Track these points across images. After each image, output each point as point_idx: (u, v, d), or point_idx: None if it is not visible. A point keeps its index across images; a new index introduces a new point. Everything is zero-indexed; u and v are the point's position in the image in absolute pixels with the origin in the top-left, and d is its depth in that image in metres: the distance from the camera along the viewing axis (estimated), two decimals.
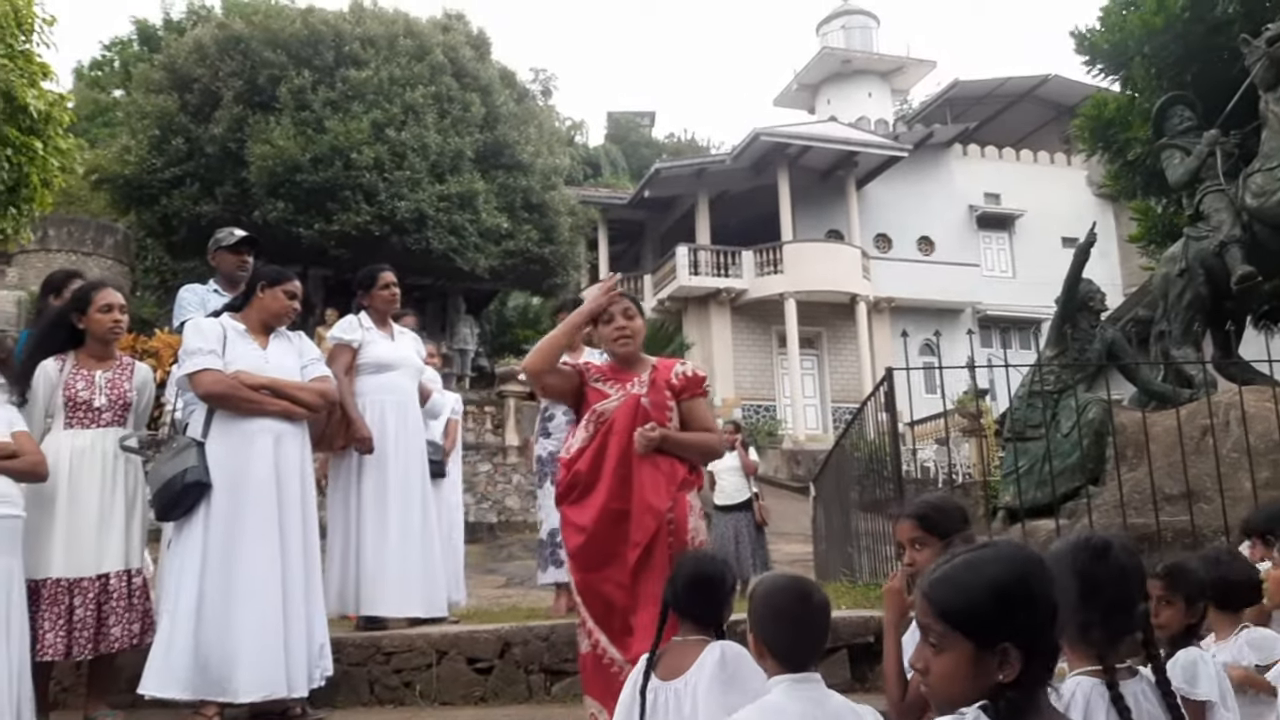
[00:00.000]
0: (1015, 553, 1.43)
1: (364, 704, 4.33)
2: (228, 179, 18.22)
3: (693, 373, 3.42)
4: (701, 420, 3.39)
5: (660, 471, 3.20)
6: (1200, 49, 8.23)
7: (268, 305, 4.04)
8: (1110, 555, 1.85)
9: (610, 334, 3.43)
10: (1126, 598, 1.83)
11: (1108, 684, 1.75)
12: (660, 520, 3.13)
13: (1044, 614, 1.37)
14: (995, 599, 1.36)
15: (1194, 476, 5.24)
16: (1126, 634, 1.85)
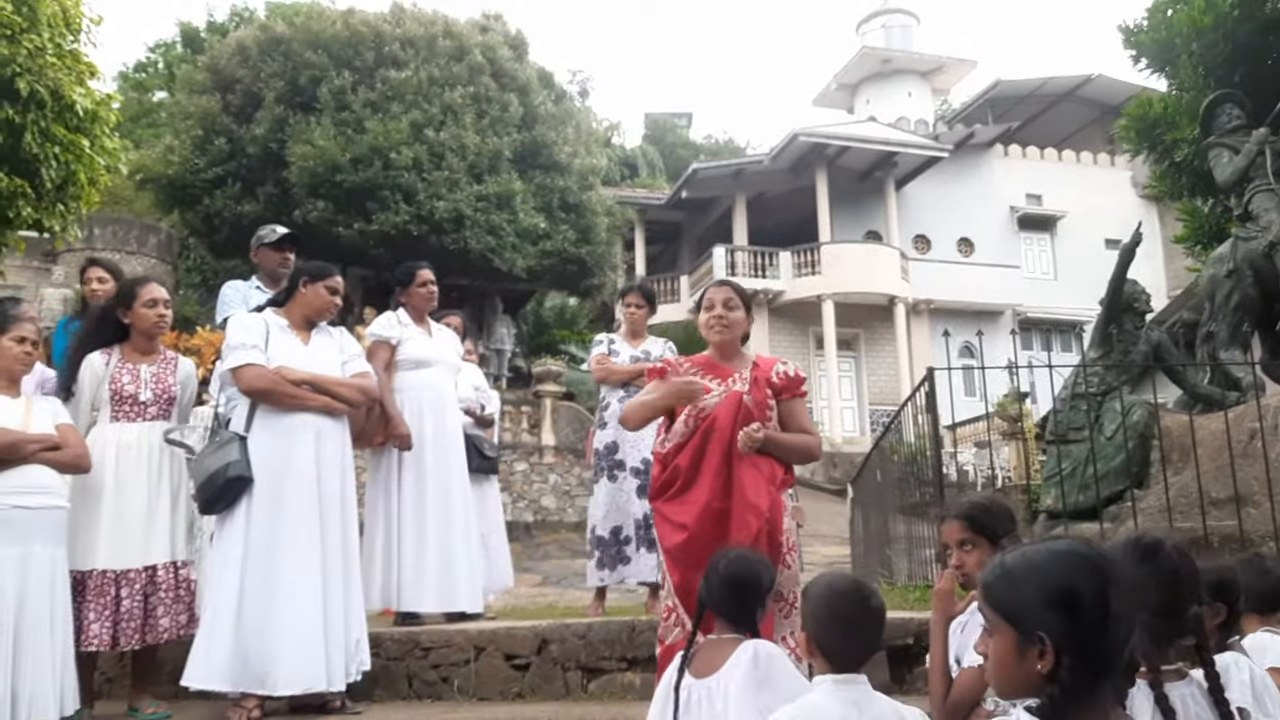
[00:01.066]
0: (1070, 548, 1.41)
1: (402, 698, 4.35)
2: (269, 179, 18.43)
3: (794, 373, 3.38)
4: (800, 421, 3.35)
5: (761, 472, 3.17)
6: (1249, 47, 8.08)
7: (310, 300, 4.08)
8: (1160, 555, 1.82)
9: (707, 321, 3.41)
10: (1176, 600, 1.79)
11: (1151, 684, 1.72)
12: (762, 520, 3.11)
13: (1090, 614, 1.34)
14: (1036, 588, 1.36)
15: (1242, 480, 5.13)
16: (1176, 637, 1.81)
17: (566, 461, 16.41)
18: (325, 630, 3.77)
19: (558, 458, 16.23)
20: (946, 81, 35.38)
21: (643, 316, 5.58)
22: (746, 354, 3.43)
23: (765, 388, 3.28)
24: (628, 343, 5.53)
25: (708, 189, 27.01)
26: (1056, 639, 1.31)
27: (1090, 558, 1.39)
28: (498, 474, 5.96)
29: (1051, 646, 1.31)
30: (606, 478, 5.30)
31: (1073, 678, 1.33)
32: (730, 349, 3.41)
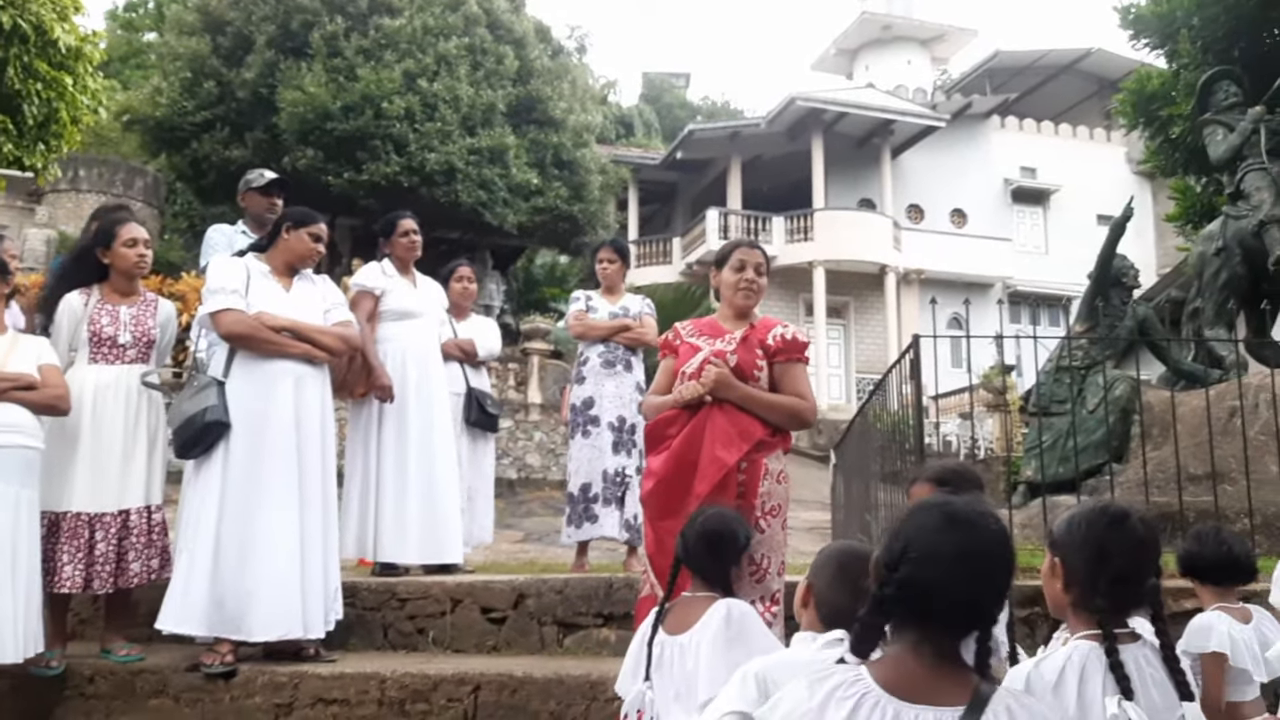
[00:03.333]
0: (934, 504, 1.46)
1: (377, 648, 4.37)
2: (258, 124, 18.20)
3: (793, 336, 3.30)
4: (793, 385, 3.26)
5: (734, 427, 3.13)
6: (1250, 23, 8.03)
7: (293, 247, 4.03)
8: (1126, 524, 1.83)
9: (736, 282, 3.33)
10: (1137, 569, 1.80)
11: (1106, 649, 1.73)
12: (724, 473, 3.06)
13: (916, 561, 1.38)
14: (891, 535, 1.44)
15: (1219, 458, 5.16)
16: (1133, 605, 1.83)
17: (552, 419, 16.40)
18: (302, 578, 3.77)
19: (544, 415, 16.22)
20: (946, 50, 35.11)
21: (616, 271, 5.55)
22: (751, 315, 3.37)
23: (756, 349, 3.23)
24: (605, 299, 5.50)
25: (703, 150, 26.83)
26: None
27: (940, 515, 1.44)
28: (497, 431, 5.95)
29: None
30: (581, 434, 5.29)
31: (887, 612, 1.40)
32: (748, 310, 3.37)
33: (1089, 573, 1.80)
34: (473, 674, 3.75)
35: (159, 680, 3.82)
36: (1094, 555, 1.80)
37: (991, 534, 1.43)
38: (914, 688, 1.37)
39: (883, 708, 1.36)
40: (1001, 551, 1.43)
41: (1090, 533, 1.82)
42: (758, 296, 3.36)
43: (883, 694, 1.37)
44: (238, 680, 3.76)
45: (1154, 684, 1.77)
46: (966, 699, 1.37)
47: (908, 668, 1.39)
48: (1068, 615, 1.87)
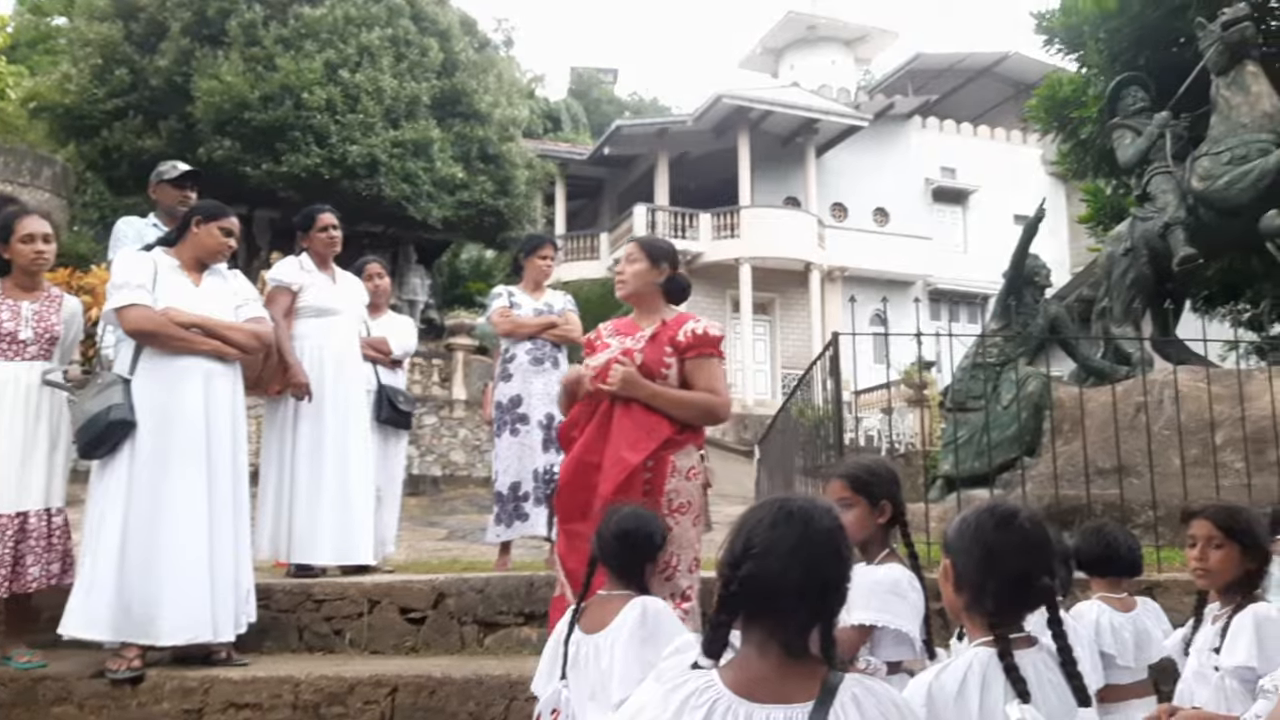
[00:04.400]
0: (771, 501, 1.52)
1: (292, 651, 4.29)
2: (172, 113, 17.69)
3: (704, 331, 3.24)
4: (704, 380, 3.21)
5: (639, 426, 3.11)
6: (1155, 32, 8.29)
7: (202, 241, 3.92)
8: (1014, 524, 1.80)
9: (615, 279, 3.40)
10: (1026, 569, 1.77)
11: (1000, 653, 1.71)
12: (628, 473, 3.04)
13: (757, 557, 1.44)
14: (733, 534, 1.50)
15: (1126, 452, 5.33)
16: (1024, 607, 1.80)
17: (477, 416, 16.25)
18: (211, 580, 3.68)
19: (468, 412, 16.08)
20: (869, 51, 35.60)
21: (552, 269, 5.54)
22: (665, 311, 3.33)
23: (665, 346, 3.20)
24: (529, 295, 5.44)
25: (631, 146, 26.85)
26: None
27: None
28: (409, 429, 5.85)
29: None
30: (509, 431, 5.22)
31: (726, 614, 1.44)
32: (643, 305, 3.34)
33: (979, 575, 1.77)
34: (390, 675, 3.70)
35: (62, 687, 3.70)
36: (983, 557, 1.77)
37: (825, 526, 1.46)
38: (764, 688, 1.41)
39: (734, 711, 1.39)
40: (835, 543, 1.46)
41: (979, 534, 1.80)
42: (628, 285, 3.33)
43: (734, 698, 1.40)
44: (145, 686, 3.66)
45: (1052, 688, 1.76)
46: (816, 692, 1.40)
47: (756, 668, 1.42)
48: (963, 619, 1.85)
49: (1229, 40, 6.63)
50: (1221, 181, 6.54)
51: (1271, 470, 5.00)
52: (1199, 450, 5.32)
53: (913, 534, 2.79)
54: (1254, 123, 6.54)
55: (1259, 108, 6.57)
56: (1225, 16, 6.70)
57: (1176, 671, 2.82)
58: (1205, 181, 6.65)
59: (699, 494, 3.20)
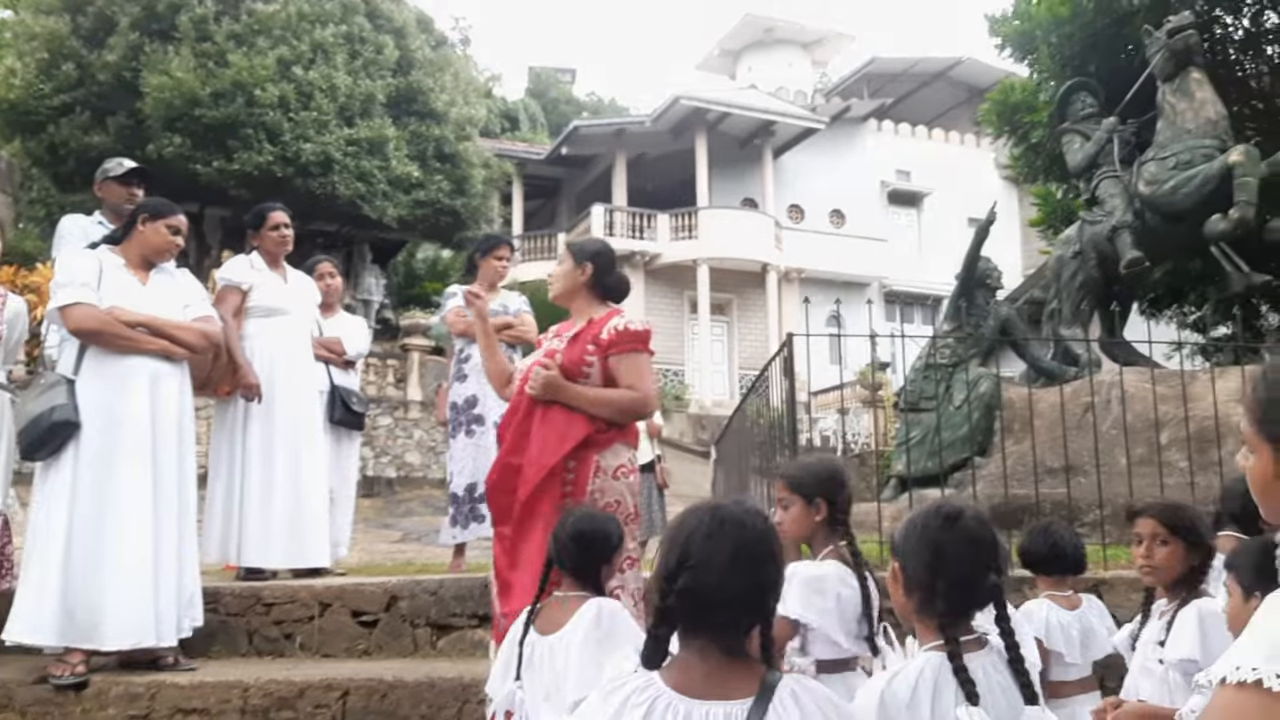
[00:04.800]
0: (702, 509, 1.52)
1: (242, 655, 4.23)
2: (121, 109, 17.37)
3: (624, 327, 3.19)
4: (625, 376, 3.16)
5: (557, 427, 3.09)
6: (1105, 39, 8.43)
7: (149, 239, 3.85)
8: (960, 524, 1.81)
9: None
10: (973, 568, 1.78)
11: (950, 655, 1.72)
12: (545, 475, 3.03)
13: (694, 570, 1.44)
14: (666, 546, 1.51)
15: (1074, 451, 5.42)
16: (972, 607, 1.81)
17: (432, 417, 16.16)
18: (156, 583, 3.62)
19: (424, 413, 15.96)
20: (826, 54, 35.89)
21: (508, 270, 5.51)
22: (595, 310, 3.30)
23: (587, 345, 3.17)
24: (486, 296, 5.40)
25: (588, 146, 26.82)
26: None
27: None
28: (362, 429, 5.79)
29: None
30: (464, 433, 5.18)
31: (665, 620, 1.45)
32: (574, 305, 3.33)
33: (929, 576, 1.77)
34: (341, 679, 3.66)
35: (4, 694, 3.62)
36: (932, 558, 1.78)
37: (759, 532, 1.49)
38: (704, 686, 1.43)
39: (675, 708, 1.41)
40: (769, 547, 1.49)
41: (926, 535, 1.81)
42: (554, 286, 3.34)
43: (675, 695, 1.42)
44: (89, 692, 3.59)
45: (1001, 690, 1.77)
46: (755, 690, 1.43)
47: (697, 669, 1.45)
48: (914, 621, 1.86)
49: (1174, 47, 6.77)
50: (1167, 186, 6.67)
51: (1214, 469, 5.10)
52: (1144, 450, 5.42)
53: (867, 534, 2.84)
54: (1199, 129, 6.68)
55: (1203, 114, 6.71)
56: (1170, 24, 6.84)
57: (1125, 666, 2.87)
58: (1151, 186, 6.78)
59: (630, 493, 3.15)
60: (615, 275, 3.36)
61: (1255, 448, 1.18)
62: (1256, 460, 1.18)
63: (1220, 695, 1.05)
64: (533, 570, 2.94)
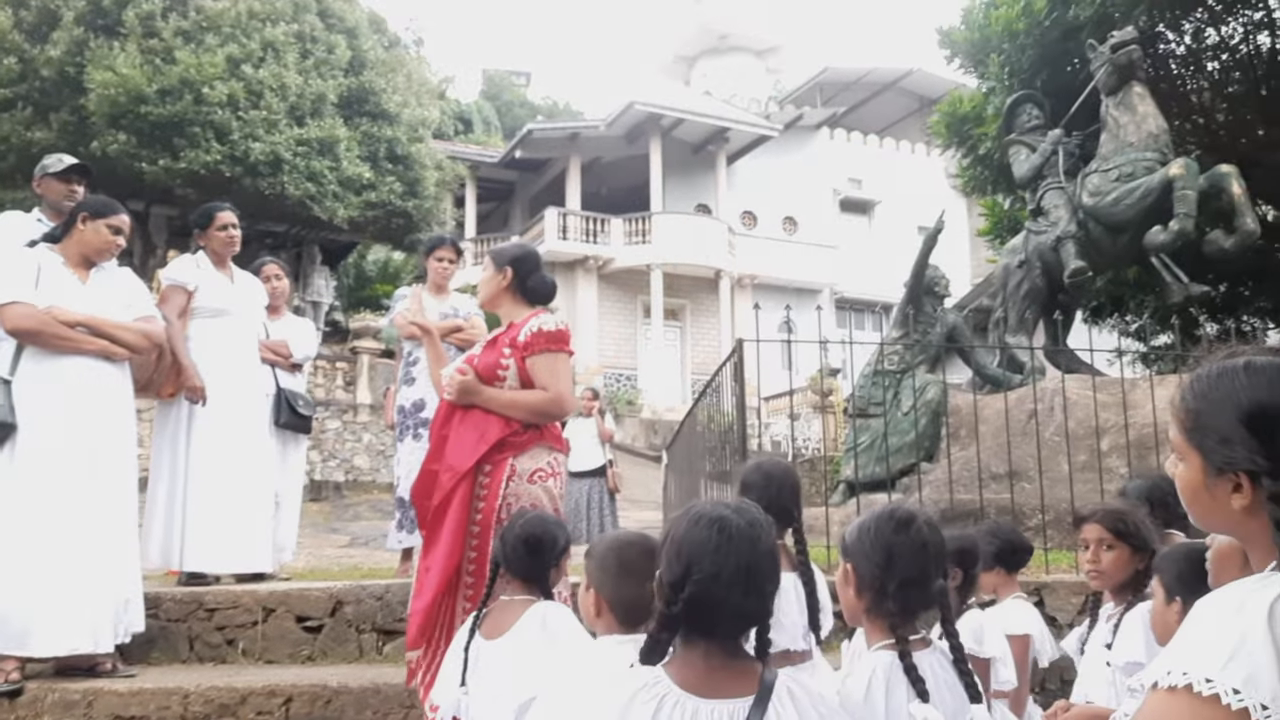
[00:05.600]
0: (709, 520, 1.53)
1: (182, 661, 4.16)
2: (64, 105, 17.01)
3: (539, 328, 3.17)
4: (540, 377, 3.14)
5: (471, 431, 3.09)
6: (1053, 53, 8.60)
7: (88, 239, 3.77)
8: (912, 528, 1.86)
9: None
10: (923, 571, 1.84)
11: (900, 654, 1.78)
12: (457, 480, 3.02)
13: (700, 581, 1.48)
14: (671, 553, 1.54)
15: (1018, 457, 5.50)
16: (921, 608, 1.87)
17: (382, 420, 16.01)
18: (93, 588, 3.54)
19: (373, 416, 15.80)
20: (779, 62, 36.16)
21: (453, 271, 5.46)
22: (517, 314, 3.29)
23: (503, 348, 3.18)
24: (434, 298, 5.36)
25: (543, 150, 26.76)
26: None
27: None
28: (309, 433, 5.72)
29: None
30: (411, 436, 5.13)
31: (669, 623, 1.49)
32: (499, 310, 3.33)
33: (881, 577, 1.82)
34: (284, 685, 3.60)
35: None
36: (883, 560, 1.83)
37: (767, 546, 1.54)
38: (708, 685, 1.48)
39: (682, 705, 1.46)
40: (775, 559, 1.55)
41: (879, 538, 1.85)
42: (479, 294, 3.40)
43: (682, 693, 1.47)
44: (24, 699, 3.50)
45: (947, 688, 1.83)
46: (754, 688, 1.48)
47: (700, 667, 1.50)
48: (863, 622, 1.91)
49: (1118, 62, 6.92)
50: (1110, 198, 6.81)
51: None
52: (1086, 456, 5.53)
53: (815, 538, 2.92)
54: (1140, 142, 6.84)
55: (1145, 127, 6.87)
56: (1114, 39, 6.99)
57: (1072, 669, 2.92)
58: (1095, 197, 6.92)
59: (548, 496, 3.12)
60: (537, 277, 3.35)
61: (1184, 455, 1.21)
62: (1186, 468, 1.21)
63: (1151, 699, 1.08)
64: (438, 573, 2.96)
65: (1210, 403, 1.17)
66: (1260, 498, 1.11)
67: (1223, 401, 1.15)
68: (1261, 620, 1.03)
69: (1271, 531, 1.09)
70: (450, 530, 2.98)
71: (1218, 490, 1.16)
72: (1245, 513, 1.14)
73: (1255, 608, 1.05)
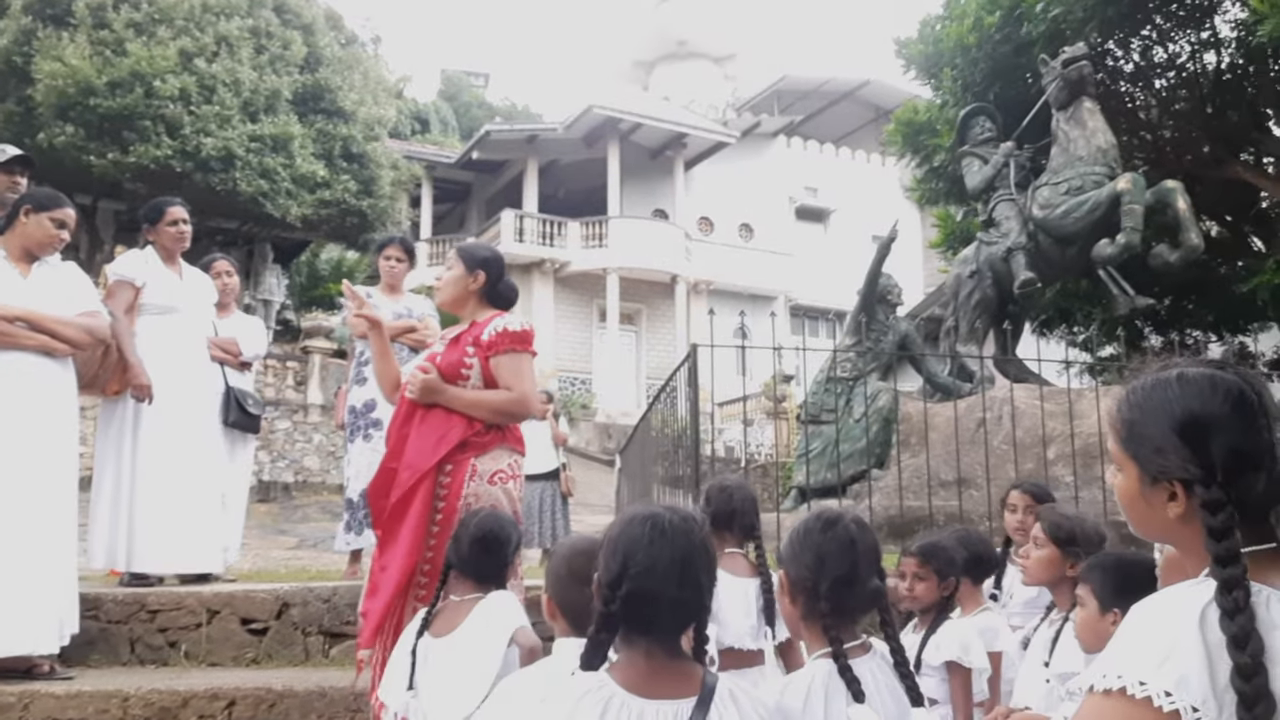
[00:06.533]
0: (643, 518, 1.57)
1: (123, 664, 4.07)
2: (10, 96, 16.68)
3: (504, 328, 3.15)
4: (504, 377, 3.12)
5: (432, 430, 3.06)
6: (1006, 67, 8.72)
7: (31, 232, 3.69)
8: (838, 527, 1.86)
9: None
10: (853, 571, 1.82)
11: (834, 656, 1.77)
12: (418, 478, 2.99)
13: (636, 576, 1.51)
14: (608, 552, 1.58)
15: (966, 465, 5.57)
16: (856, 610, 1.86)
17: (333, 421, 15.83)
18: (32, 590, 3.45)
19: (324, 416, 15.62)
20: (738, 69, 36.36)
21: (403, 270, 5.40)
22: (480, 314, 3.26)
23: (466, 347, 3.14)
24: (387, 298, 5.31)
25: (500, 151, 26.66)
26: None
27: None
28: (258, 432, 5.64)
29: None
30: (362, 437, 5.08)
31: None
32: (461, 310, 3.29)
33: (811, 579, 1.82)
34: (228, 689, 3.54)
35: None
36: (813, 562, 1.82)
37: (699, 538, 1.57)
38: (650, 685, 1.50)
39: (628, 706, 1.48)
40: (709, 553, 1.58)
41: (807, 540, 1.86)
42: (443, 293, 3.30)
43: (627, 694, 1.48)
44: None
45: (889, 691, 1.83)
46: (696, 689, 1.50)
47: (643, 668, 1.52)
48: (801, 631, 1.90)
49: (1069, 77, 7.04)
50: (1059, 210, 6.93)
51: (1098, 484, 5.31)
52: (1033, 464, 5.61)
53: (765, 543, 2.99)
54: (1090, 156, 6.96)
55: (1094, 142, 6.99)
56: (1065, 55, 7.11)
57: None
58: (1045, 210, 7.03)
59: (507, 498, 3.10)
60: (506, 283, 3.34)
61: (1121, 465, 1.24)
62: (1124, 477, 1.24)
63: (1088, 703, 1.10)
64: (396, 572, 2.93)
65: (1145, 413, 1.20)
66: (1194, 506, 1.14)
67: (1156, 412, 1.18)
68: (1193, 624, 1.06)
69: (1204, 538, 1.11)
70: (410, 529, 2.94)
71: (1154, 499, 1.19)
72: (1180, 520, 1.16)
73: (1187, 612, 1.08)
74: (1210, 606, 1.07)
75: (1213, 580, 1.09)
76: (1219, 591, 1.07)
